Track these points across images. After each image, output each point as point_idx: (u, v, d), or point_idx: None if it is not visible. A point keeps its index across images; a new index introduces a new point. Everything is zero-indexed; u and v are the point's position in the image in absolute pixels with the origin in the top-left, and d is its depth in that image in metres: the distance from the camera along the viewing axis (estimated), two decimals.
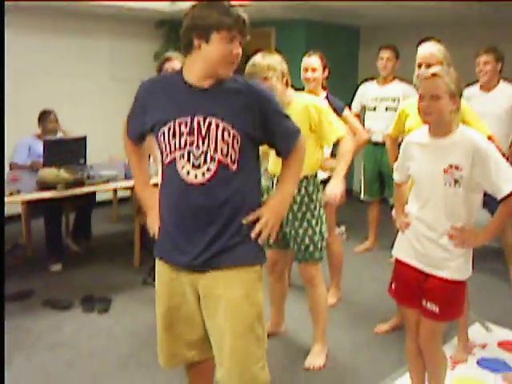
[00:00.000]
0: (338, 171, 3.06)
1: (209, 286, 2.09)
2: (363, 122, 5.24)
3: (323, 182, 3.25)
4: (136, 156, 2.36)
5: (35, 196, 4.09)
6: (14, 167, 4.93)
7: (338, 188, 3.02)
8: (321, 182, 3.18)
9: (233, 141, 2.00)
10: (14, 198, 3.99)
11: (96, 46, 6.49)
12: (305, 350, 3.29)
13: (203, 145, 2.00)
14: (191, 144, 2.01)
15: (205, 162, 2.01)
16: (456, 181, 2.31)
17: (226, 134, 2.00)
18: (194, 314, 2.18)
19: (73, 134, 5.18)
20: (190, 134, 2.01)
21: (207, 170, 2.01)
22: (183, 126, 2.01)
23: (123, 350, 3.35)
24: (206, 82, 2.03)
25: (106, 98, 6.63)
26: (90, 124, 6.04)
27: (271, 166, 3.14)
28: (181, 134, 2.02)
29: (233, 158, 2.02)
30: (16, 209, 5.20)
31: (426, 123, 2.40)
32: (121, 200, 6.30)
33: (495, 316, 3.83)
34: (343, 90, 5.11)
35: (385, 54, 4.99)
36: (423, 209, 2.44)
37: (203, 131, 2.00)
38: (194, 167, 2.02)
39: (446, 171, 2.33)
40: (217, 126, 2.00)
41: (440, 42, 3.21)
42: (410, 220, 2.50)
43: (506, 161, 2.33)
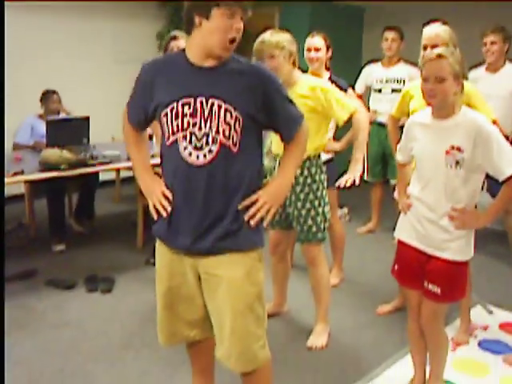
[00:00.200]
0: (355, 156, 3.02)
1: (209, 267, 2.10)
2: (367, 103, 5.23)
3: (326, 162, 3.25)
4: (136, 141, 2.29)
5: (38, 176, 4.09)
6: (17, 147, 4.92)
7: (356, 173, 2.97)
8: (323, 162, 3.17)
9: (235, 122, 1.99)
10: (18, 178, 3.99)
11: (98, 27, 6.44)
12: (307, 330, 3.31)
13: (205, 126, 1.99)
14: (194, 125, 2.00)
15: (207, 143, 2.00)
16: (457, 162, 2.30)
17: (228, 115, 1.98)
18: (194, 294, 2.19)
19: (75, 115, 5.16)
20: (192, 115, 1.99)
21: (209, 151, 2.00)
22: (186, 107, 2.00)
23: (126, 329, 3.38)
24: (209, 62, 2.01)
25: (108, 79, 6.60)
26: (92, 105, 6.02)
27: (275, 146, 3.13)
28: (183, 115, 2.00)
29: (234, 140, 2.01)
30: (19, 189, 5.20)
31: (430, 105, 2.38)
32: (124, 180, 6.30)
33: (497, 298, 3.84)
34: (347, 71, 5.07)
35: (389, 34, 4.95)
36: (424, 190, 2.44)
37: (206, 112, 1.99)
38: (196, 149, 2.01)
39: (447, 153, 2.32)
40: (219, 107, 1.98)
41: (446, 23, 3.18)
42: (412, 201, 2.50)
43: (510, 144, 2.32)
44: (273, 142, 3.14)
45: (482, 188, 2.45)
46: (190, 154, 2.01)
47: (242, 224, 2.07)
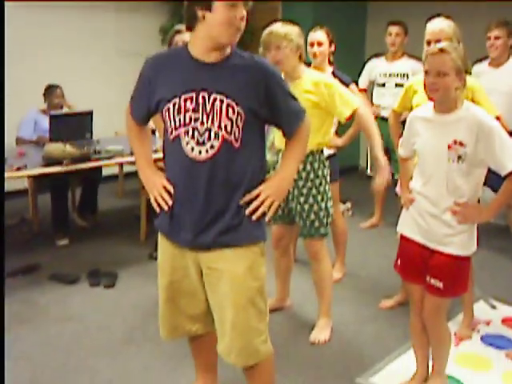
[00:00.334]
0: (374, 156, 2.96)
1: (211, 261, 2.10)
2: (371, 98, 5.21)
3: (328, 157, 3.24)
4: (139, 136, 2.30)
5: (41, 171, 4.10)
6: (20, 142, 4.93)
7: (385, 175, 2.90)
8: (326, 158, 3.17)
9: (237, 118, 1.99)
10: (21, 173, 4.00)
11: (102, 20, 6.43)
12: (310, 325, 3.31)
13: (207, 121, 1.99)
14: (196, 120, 2.00)
15: (209, 138, 2.00)
16: (460, 157, 2.30)
17: (230, 110, 1.98)
18: (196, 288, 2.20)
19: (78, 109, 5.16)
20: (194, 110, 2.00)
21: (211, 146, 2.00)
22: (189, 102, 2.00)
23: (129, 323, 3.38)
24: (212, 56, 2.00)
25: (111, 73, 6.60)
26: (95, 99, 6.01)
27: (278, 141, 3.12)
28: (186, 110, 2.00)
29: (236, 136, 2.01)
30: (22, 184, 5.21)
31: (431, 100, 2.37)
32: (127, 175, 6.30)
33: (500, 293, 3.84)
34: (350, 65, 5.07)
35: (393, 29, 4.93)
36: (426, 185, 2.43)
37: (208, 108, 1.99)
38: (199, 144, 2.01)
39: (450, 147, 2.31)
40: (221, 102, 1.98)
41: (449, 17, 3.16)
42: (414, 196, 2.49)
43: None
44: (276, 136, 3.13)
45: (484, 183, 2.45)
46: (193, 149, 2.01)
47: (244, 219, 2.07)
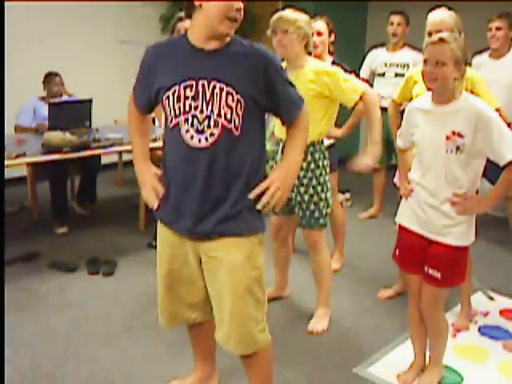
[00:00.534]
0: (371, 138, 2.93)
1: (210, 250, 2.11)
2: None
3: (327, 148, 3.23)
4: (139, 127, 2.31)
5: (41, 159, 4.09)
6: (19, 129, 4.91)
7: (372, 155, 2.87)
8: (326, 148, 3.17)
9: (236, 105, 1.98)
10: (20, 161, 3.99)
11: (101, 8, 6.39)
12: (308, 314, 3.32)
13: (207, 109, 1.99)
14: (195, 108, 2.00)
15: (208, 126, 2.00)
16: (458, 148, 2.30)
17: (229, 98, 1.98)
18: (195, 276, 2.21)
19: (78, 97, 5.15)
20: (194, 98, 1.99)
21: (210, 134, 2.00)
22: (188, 90, 1.99)
23: (128, 311, 3.39)
24: (211, 44, 2.00)
25: (111, 61, 6.57)
26: (94, 87, 6.00)
27: (278, 130, 3.11)
28: (185, 98, 2.00)
29: (236, 123, 2.00)
30: (22, 171, 5.20)
31: (430, 90, 2.37)
32: (126, 163, 6.26)
33: (498, 285, 3.85)
34: (351, 56, 5.05)
35: (395, 18, 4.92)
36: (425, 176, 2.44)
37: (207, 95, 1.98)
38: (198, 132, 2.01)
39: (448, 138, 2.32)
40: (221, 90, 1.97)
41: (451, 8, 3.15)
42: (413, 187, 2.50)
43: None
44: (276, 126, 3.13)
45: (484, 174, 2.45)
46: (192, 137, 2.01)
47: (243, 208, 2.07)
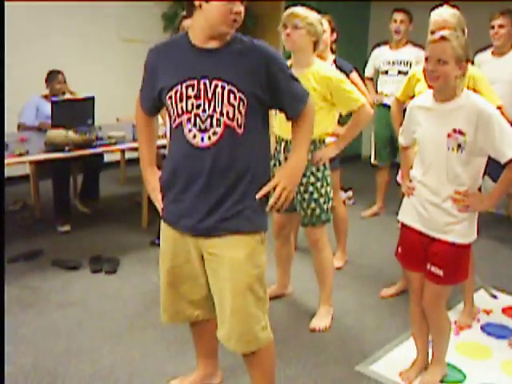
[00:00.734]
0: (340, 140, 3.08)
1: (212, 247, 2.11)
2: (376, 86, 5.21)
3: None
4: (146, 131, 2.33)
5: (43, 157, 4.09)
6: (22, 128, 4.92)
7: (329, 155, 3.05)
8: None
9: (239, 104, 1.98)
10: (23, 159, 4.00)
11: (104, 7, 6.39)
12: (311, 312, 3.32)
13: (209, 108, 1.99)
14: (198, 107, 2.00)
15: (211, 125, 2.00)
16: (459, 145, 2.30)
17: (231, 96, 1.97)
18: (197, 273, 2.21)
19: (80, 95, 5.15)
20: (196, 97, 1.99)
21: (213, 133, 2.00)
22: (190, 90, 2.00)
23: (131, 309, 3.40)
24: (211, 43, 2.00)
25: (113, 59, 6.57)
26: (97, 85, 5.99)
27: (277, 128, 3.11)
28: (187, 98, 2.00)
29: (239, 122, 2.00)
30: (24, 169, 5.22)
31: (431, 87, 2.37)
32: (129, 161, 6.30)
33: (500, 283, 3.85)
34: (353, 54, 5.05)
35: (398, 16, 4.91)
36: (427, 174, 2.44)
37: (209, 94, 1.98)
38: (201, 130, 2.01)
39: (449, 136, 2.31)
40: (222, 88, 1.97)
41: (454, 6, 3.13)
42: (415, 184, 2.50)
43: None
44: (276, 124, 3.12)
45: (485, 172, 2.45)
46: (195, 136, 2.02)
47: (246, 206, 2.07)
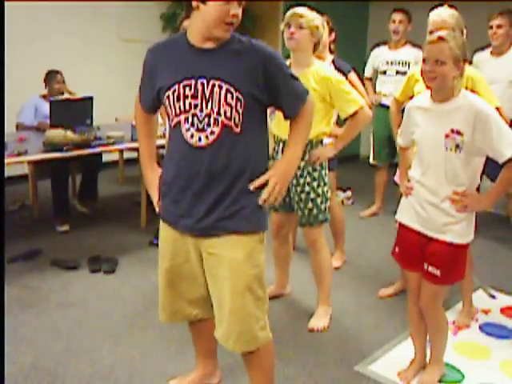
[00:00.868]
0: (337, 141, 3.09)
1: (211, 247, 2.11)
2: (375, 86, 5.22)
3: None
4: (146, 126, 2.35)
5: (42, 156, 4.09)
6: (21, 127, 4.92)
7: (327, 155, 3.06)
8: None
9: (236, 103, 1.98)
10: (21, 159, 3.99)
11: (103, 7, 6.39)
12: (309, 312, 3.33)
13: (207, 107, 1.99)
14: (195, 107, 2.00)
15: (208, 124, 2.00)
16: (457, 146, 2.30)
17: (229, 96, 1.98)
18: (196, 273, 2.22)
19: (79, 96, 5.15)
20: (194, 96, 2.00)
21: (211, 132, 2.00)
22: (187, 89, 2.00)
23: (130, 309, 3.40)
24: (209, 43, 2.00)
25: (112, 59, 6.57)
26: (96, 85, 6.00)
27: (275, 128, 3.11)
28: (185, 97, 2.01)
29: (236, 121, 2.00)
30: (23, 169, 5.21)
31: (429, 88, 2.38)
32: (127, 161, 6.30)
33: (498, 282, 3.86)
34: (352, 54, 5.05)
35: (397, 16, 4.92)
36: (425, 174, 2.44)
37: (207, 94, 1.99)
38: (198, 130, 2.01)
39: (447, 136, 2.32)
40: (220, 88, 1.98)
41: (453, 7, 3.14)
42: (413, 185, 2.50)
43: None
44: (273, 123, 3.12)
45: (484, 172, 2.45)
46: (192, 135, 2.02)
47: (245, 206, 2.07)
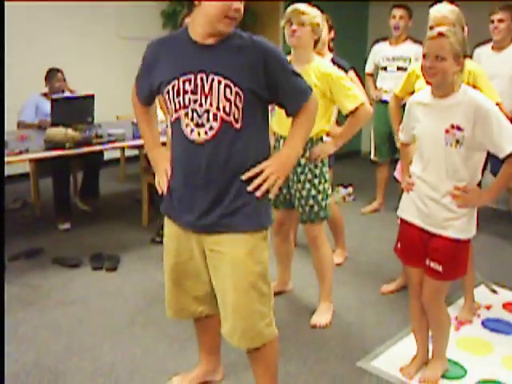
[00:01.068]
0: (338, 138, 3.07)
1: (213, 244, 2.11)
2: (376, 82, 5.21)
3: None
4: (145, 117, 2.36)
5: (43, 155, 4.09)
6: (22, 126, 4.92)
7: (327, 152, 3.05)
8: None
9: (235, 98, 1.97)
10: (23, 157, 3.99)
11: (103, 4, 6.39)
12: (311, 309, 3.33)
13: (206, 103, 1.99)
14: (195, 102, 2.00)
15: (208, 120, 1.99)
16: (457, 141, 2.30)
17: (228, 91, 1.97)
18: (200, 270, 2.22)
19: (80, 93, 5.15)
20: (193, 91, 2.00)
21: (210, 128, 2.00)
22: (187, 84, 2.00)
23: (131, 307, 3.40)
24: (211, 39, 2.00)
25: (112, 57, 6.57)
26: (97, 83, 6.00)
27: (275, 125, 3.10)
28: (185, 92, 2.00)
29: (236, 117, 1.99)
30: (24, 168, 5.22)
31: (429, 84, 2.37)
32: (128, 159, 6.30)
33: (500, 278, 3.85)
34: (352, 52, 5.04)
35: (397, 12, 4.91)
36: (426, 169, 2.44)
37: (206, 89, 1.98)
38: (198, 125, 2.01)
39: (447, 131, 2.31)
40: (219, 83, 1.97)
41: (453, 3, 3.13)
42: (414, 180, 2.50)
43: None
44: (274, 120, 3.12)
45: (487, 168, 2.45)
46: (192, 131, 2.02)
47: (246, 203, 2.06)
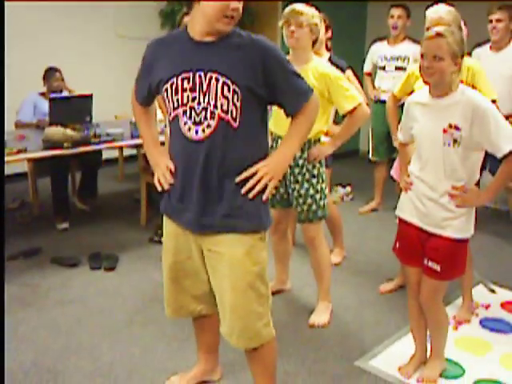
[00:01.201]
0: (336, 138, 3.08)
1: (212, 244, 2.11)
2: (374, 82, 5.22)
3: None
4: (144, 116, 2.36)
5: (41, 154, 4.08)
6: (20, 125, 4.91)
7: (325, 152, 3.06)
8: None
9: (233, 96, 1.97)
10: (21, 156, 3.98)
11: (101, 4, 6.37)
12: (309, 308, 3.33)
13: (204, 101, 1.99)
14: (193, 100, 2.00)
15: (205, 118, 1.99)
16: (455, 140, 2.30)
17: (225, 89, 1.97)
18: (199, 269, 2.22)
19: (78, 93, 5.14)
20: (191, 89, 2.00)
21: (207, 126, 1.99)
22: (186, 82, 2.00)
23: (130, 306, 3.40)
24: (209, 37, 2.00)
25: (111, 57, 6.56)
26: (95, 83, 5.98)
27: (272, 125, 3.09)
28: (183, 90, 2.00)
29: (234, 115, 1.99)
30: (23, 167, 5.20)
31: (427, 83, 2.37)
32: (127, 158, 6.30)
33: (499, 277, 3.85)
34: (351, 51, 5.04)
35: (396, 11, 4.91)
36: (424, 169, 2.44)
37: (204, 87, 1.98)
38: (196, 123, 2.01)
39: (445, 131, 2.32)
40: (217, 80, 1.97)
41: (450, 3, 3.13)
42: (412, 180, 2.50)
43: (510, 123, 2.31)
44: (272, 122, 3.12)
45: (486, 168, 2.45)
46: (190, 128, 2.02)
47: (244, 203, 2.05)
